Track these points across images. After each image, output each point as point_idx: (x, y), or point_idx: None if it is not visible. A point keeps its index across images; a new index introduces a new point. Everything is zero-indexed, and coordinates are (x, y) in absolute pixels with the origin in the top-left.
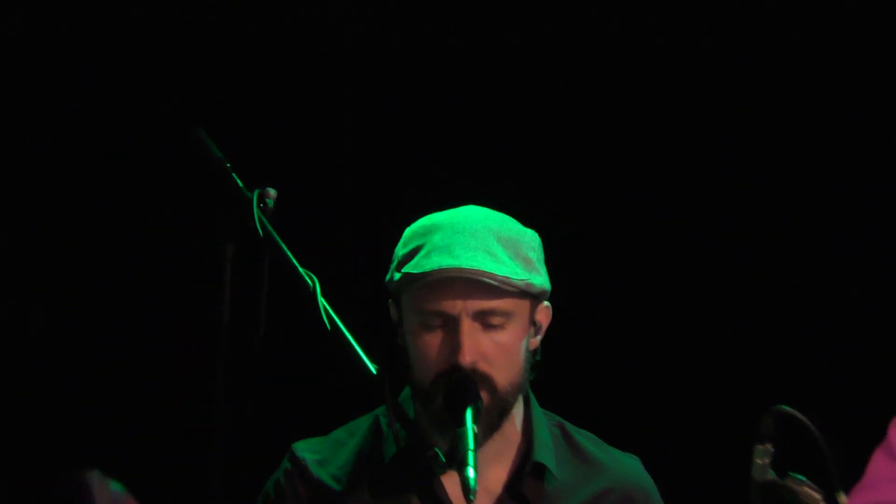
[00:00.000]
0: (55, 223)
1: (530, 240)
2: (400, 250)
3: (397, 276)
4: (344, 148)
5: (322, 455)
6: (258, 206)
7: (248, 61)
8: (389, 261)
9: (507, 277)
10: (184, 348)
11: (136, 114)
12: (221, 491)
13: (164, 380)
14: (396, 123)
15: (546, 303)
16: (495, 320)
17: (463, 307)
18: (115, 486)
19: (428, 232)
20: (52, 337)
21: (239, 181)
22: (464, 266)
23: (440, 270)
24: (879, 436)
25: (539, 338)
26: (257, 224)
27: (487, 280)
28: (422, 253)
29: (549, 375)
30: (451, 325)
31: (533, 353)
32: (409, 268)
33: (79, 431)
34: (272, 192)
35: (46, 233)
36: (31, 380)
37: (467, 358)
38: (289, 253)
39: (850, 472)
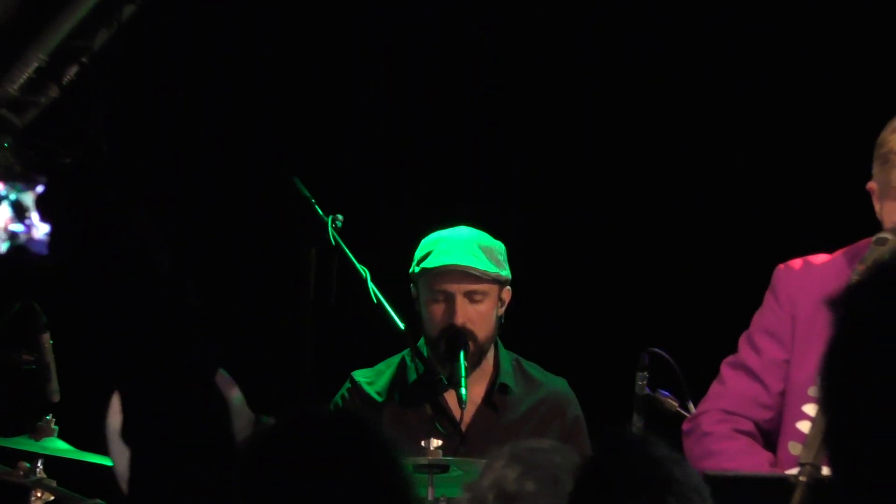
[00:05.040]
0: (208, 240)
1: (499, 248)
2: (418, 253)
3: (417, 269)
4: (385, 187)
5: (369, 379)
6: (332, 225)
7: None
8: (411, 260)
9: (486, 271)
10: (284, 314)
11: (261, 166)
12: (305, 397)
13: (272, 332)
14: (412, 165)
15: (508, 287)
16: (477, 297)
17: (458, 288)
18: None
19: (437, 242)
20: (202, 304)
21: (319, 209)
22: (459, 263)
23: (445, 265)
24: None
25: (503, 308)
26: (330, 236)
27: (473, 272)
28: (433, 254)
29: (510, 329)
30: (450, 300)
31: (500, 318)
32: (426, 263)
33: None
34: (340, 216)
35: (202, 243)
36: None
37: (460, 320)
38: (350, 254)
39: (698, 392)
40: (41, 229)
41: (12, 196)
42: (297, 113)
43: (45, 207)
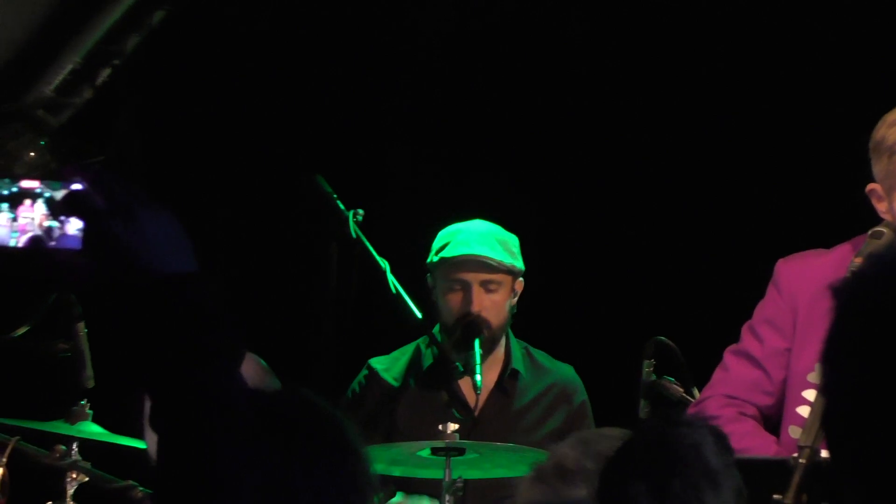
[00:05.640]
0: (234, 235)
1: (513, 241)
2: (436, 244)
3: (435, 258)
4: (400, 183)
5: (386, 365)
6: (353, 220)
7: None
8: (428, 251)
9: (501, 261)
10: (307, 304)
11: (285, 164)
12: (326, 385)
13: (296, 322)
14: (431, 164)
15: (521, 279)
16: (492, 286)
17: (474, 277)
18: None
19: (454, 233)
20: (227, 296)
21: (341, 204)
22: (476, 253)
23: (463, 255)
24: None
25: (516, 299)
26: (351, 230)
27: (489, 262)
28: (451, 245)
29: (521, 319)
30: (466, 289)
31: (512, 307)
32: (444, 253)
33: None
34: (360, 211)
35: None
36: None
37: (475, 308)
38: (370, 247)
39: (701, 379)
40: (74, 225)
41: (47, 194)
42: (319, 114)
43: (79, 203)
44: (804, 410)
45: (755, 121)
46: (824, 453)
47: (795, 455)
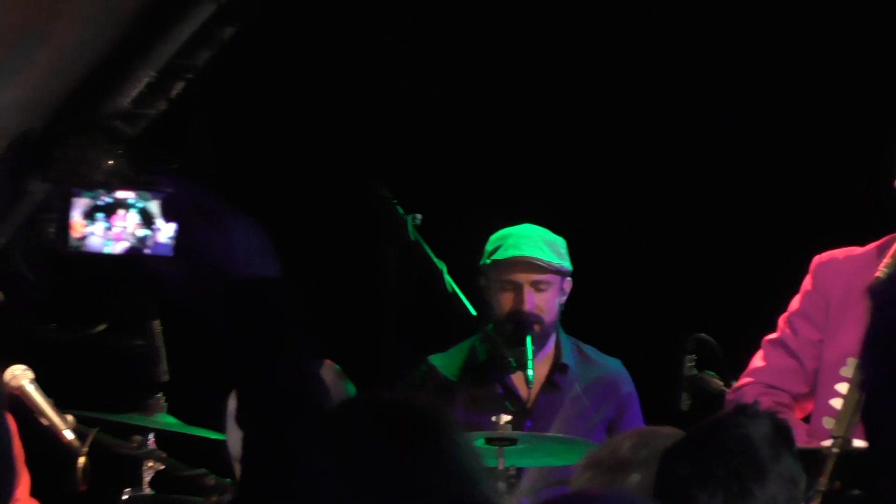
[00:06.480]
0: (301, 242)
1: (561, 243)
2: (489, 247)
3: (488, 261)
4: (459, 190)
5: (443, 362)
6: (411, 224)
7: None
8: (481, 254)
9: (550, 262)
10: (371, 299)
11: (349, 172)
12: (387, 381)
13: (359, 318)
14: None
15: (569, 278)
16: (542, 286)
17: (524, 278)
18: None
19: (505, 237)
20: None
21: (401, 209)
22: (527, 255)
23: (514, 257)
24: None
25: (565, 297)
26: (410, 234)
27: (538, 263)
28: (503, 247)
29: (571, 316)
30: (517, 288)
31: (561, 306)
32: (496, 255)
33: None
34: (419, 216)
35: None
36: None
37: (526, 307)
38: (428, 249)
39: (739, 373)
40: (165, 232)
41: (139, 204)
42: (382, 125)
43: (174, 210)
44: (837, 403)
45: (799, 120)
46: (856, 443)
47: (829, 444)
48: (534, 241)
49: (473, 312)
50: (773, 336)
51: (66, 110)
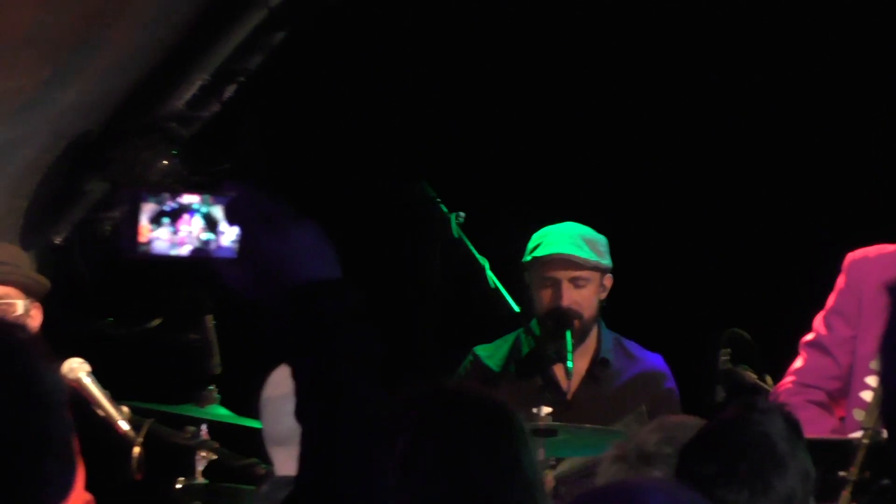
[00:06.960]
0: (349, 240)
1: (602, 241)
2: (530, 244)
3: (529, 258)
4: (501, 189)
5: (489, 353)
6: (455, 222)
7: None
8: (524, 251)
9: (587, 259)
10: (415, 296)
11: (394, 172)
12: (433, 372)
13: (404, 313)
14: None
15: (609, 275)
16: (581, 282)
17: (563, 274)
18: None
19: (546, 235)
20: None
21: (444, 207)
22: (566, 252)
23: (552, 254)
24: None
25: (605, 293)
26: (454, 231)
27: (576, 260)
28: (542, 245)
29: (612, 310)
30: (556, 285)
31: (602, 301)
32: (536, 253)
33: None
34: (462, 214)
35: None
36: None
37: (565, 302)
38: (471, 246)
39: (772, 366)
40: (229, 236)
41: (204, 209)
42: (427, 126)
43: (237, 213)
44: (867, 395)
45: (839, 119)
46: (886, 434)
47: (859, 435)
48: (572, 239)
49: (516, 308)
50: (809, 337)
51: (123, 113)
